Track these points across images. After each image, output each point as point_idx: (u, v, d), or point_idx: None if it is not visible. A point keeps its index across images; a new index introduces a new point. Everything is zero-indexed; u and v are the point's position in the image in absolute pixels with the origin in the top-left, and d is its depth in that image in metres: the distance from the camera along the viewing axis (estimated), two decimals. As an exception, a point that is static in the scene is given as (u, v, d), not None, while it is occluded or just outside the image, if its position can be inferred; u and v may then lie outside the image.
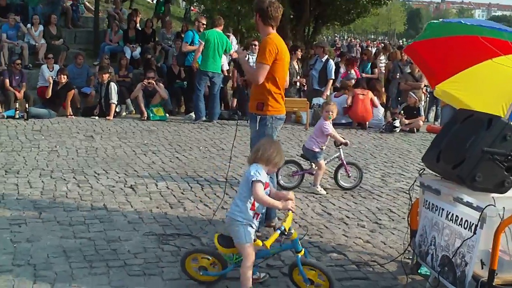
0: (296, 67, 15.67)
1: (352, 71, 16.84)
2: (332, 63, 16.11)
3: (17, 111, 13.24)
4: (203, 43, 13.33)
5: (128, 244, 6.05)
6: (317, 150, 8.51)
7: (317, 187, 8.51)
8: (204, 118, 13.90)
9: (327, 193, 8.43)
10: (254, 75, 6.40)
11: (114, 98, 14.11)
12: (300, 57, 16.31)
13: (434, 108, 17.81)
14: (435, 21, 5.48)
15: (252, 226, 4.88)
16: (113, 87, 14.20)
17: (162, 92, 14.62)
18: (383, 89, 17.23)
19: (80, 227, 6.49)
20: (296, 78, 15.51)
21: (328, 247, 6.30)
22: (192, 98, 14.36)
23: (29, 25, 17.44)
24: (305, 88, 15.96)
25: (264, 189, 4.86)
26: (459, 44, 5.54)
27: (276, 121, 6.51)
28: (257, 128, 6.43)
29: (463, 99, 6.00)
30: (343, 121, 14.79)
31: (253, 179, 4.79)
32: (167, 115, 14.56)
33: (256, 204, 4.89)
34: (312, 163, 8.63)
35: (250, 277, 4.83)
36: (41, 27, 17.50)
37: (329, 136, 8.60)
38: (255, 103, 6.46)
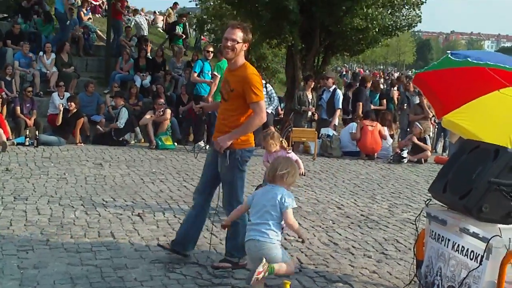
0: (310, 96, 15.73)
1: None
2: (339, 92, 16.30)
3: (27, 138, 13.38)
4: (219, 76, 13.24)
5: (135, 272, 6.05)
6: None
7: None
8: None
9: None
10: (258, 119, 6.06)
11: (121, 122, 14.48)
12: (312, 87, 16.36)
13: (442, 139, 17.84)
14: (442, 57, 5.51)
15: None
16: (123, 111, 14.53)
17: (167, 116, 14.83)
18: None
19: (87, 254, 6.50)
20: (308, 107, 15.54)
21: (334, 277, 6.28)
22: (207, 128, 14.40)
23: (41, 53, 17.62)
24: (316, 118, 16.00)
25: None
26: (467, 75, 5.57)
27: (245, 153, 6.21)
28: (227, 163, 6.10)
29: (470, 129, 6.01)
30: (351, 150, 14.83)
31: (291, 207, 5.20)
32: (176, 144, 14.65)
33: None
34: None
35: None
36: (53, 55, 17.67)
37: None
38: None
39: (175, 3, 27.83)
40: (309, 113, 15.74)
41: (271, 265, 5.09)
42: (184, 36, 24.51)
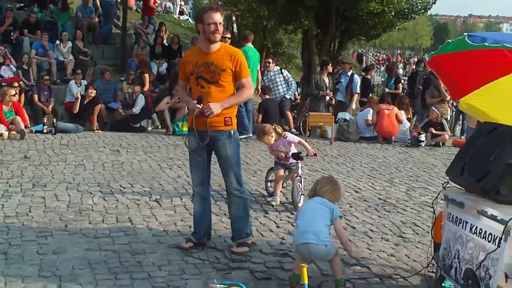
0: (326, 81, 15.68)
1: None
2: (357, 77, 16.27)
3: (45, 126, 13.47)
4: None
5: (153, 257, 6.09)
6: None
7: (272, 197, 8.53)
8: (250, 135, 13.67)
9: (276, 204, 8.32)
10: (249, 92, 6.32)
11: (137, 108, 14.52)
12: (330, 72, 16.31)
13: (460, 122, 17.68)
14: (458, 37, 5.47)
15: None
16: (140, 98, 14.62)
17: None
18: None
19: (105, 240, 6.56)
20: (325, 92, 15.49)
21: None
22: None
23: (57, 42, 17.73)
24: (333, 103, 15.93)
25: None
26: (484, 57, 5.50)
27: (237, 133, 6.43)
28: (231, 145, 6.25)
29: (488, 112, 5.93)
30: (368, 135, 14.78)
31: (340, 215, 5.55)
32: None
33: None
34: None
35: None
36: (69, 44, 17.80)
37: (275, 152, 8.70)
38: (222, 119, 6.15)
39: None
40: (327, 98, 15.68)
41: (341, 281, 5.37)
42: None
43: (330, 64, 16.28)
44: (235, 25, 26.28)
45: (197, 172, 6.42)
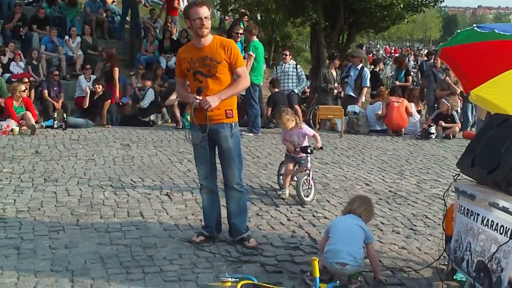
0: (334, 74, 15.73)
1: None
2: (367, 71, 16.29)
3: (56, 121, 13.50)
4: (254, 55, 13.23)
5: (164, 251, 6.11)
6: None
7: (281, 190, 8.50)
8: (260, 134, 13.62)
9: (286, 197, 8.33)
10: (246, 81, 6.35)
11: (145, 102, 14.68)
12: (338, 66, 16.35)
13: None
14: (467, 28, 5.43)
15: None
16: (149, 92, 14.74)
17: None
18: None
19: (117, 234, 6.59)
20: (333, 85, 15.53)
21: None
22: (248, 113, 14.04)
23: (66, 37, 17.79)
24: (342, 95, 15.97)
25: None
26: (494, 48, 5.46)
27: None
28: (232, 137, 6.23)
29: (498, 103, 5.89)
30: (378, 128, 14.76)
31: (373, 241, 5.65)
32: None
33: None
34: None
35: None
36: (78, 39, 17.88)
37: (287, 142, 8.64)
38: (223, 111, 6.16)
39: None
40: (335, 91, 15.71)
41: (355, 275, 5.39)
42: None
43: (338, 59, 16.32)
44: (258, 16, 26.09)
45: (203, 166, 6.40)
